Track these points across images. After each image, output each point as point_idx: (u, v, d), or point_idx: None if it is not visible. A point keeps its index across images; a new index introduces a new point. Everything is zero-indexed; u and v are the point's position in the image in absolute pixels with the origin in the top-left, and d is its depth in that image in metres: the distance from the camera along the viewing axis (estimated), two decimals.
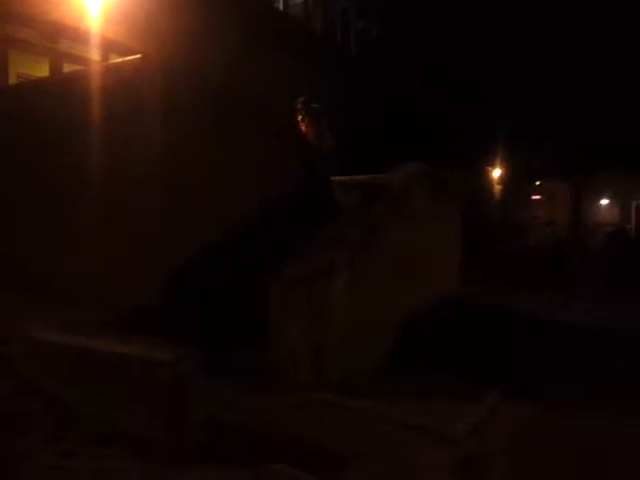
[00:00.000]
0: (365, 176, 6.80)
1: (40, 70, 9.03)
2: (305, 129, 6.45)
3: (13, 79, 8.61)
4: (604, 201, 37.79)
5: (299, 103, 6.51)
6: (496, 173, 27.50)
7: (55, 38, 9.13)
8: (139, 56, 5.30)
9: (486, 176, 26.42)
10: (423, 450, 3.52)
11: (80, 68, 8.85)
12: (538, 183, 35.26)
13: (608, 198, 37.47)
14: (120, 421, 3.38)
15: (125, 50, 8.78)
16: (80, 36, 8.92)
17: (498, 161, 26.83)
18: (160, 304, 4.60)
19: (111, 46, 9.41)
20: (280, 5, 14.96)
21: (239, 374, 4.30)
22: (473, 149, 19.61)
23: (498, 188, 28.13)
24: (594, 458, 3.57)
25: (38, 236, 5.54)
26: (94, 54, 9.06)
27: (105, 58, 9.30)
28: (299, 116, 6.48)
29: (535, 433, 3.96)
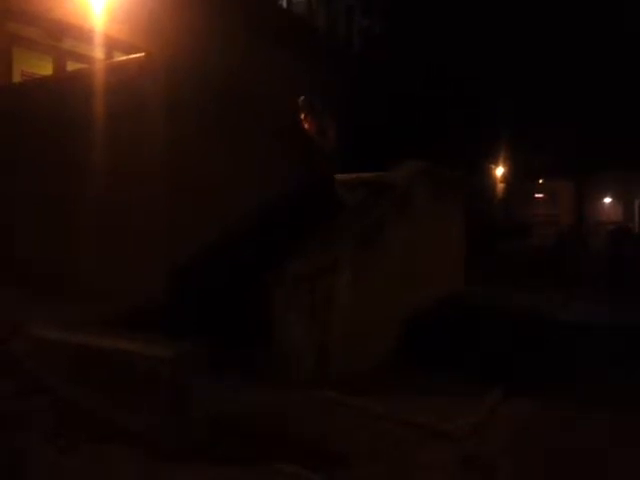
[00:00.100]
0: (368, 174, 6.80)
1: (44, 68, 9.04)
2: (307, 127, 6.47)
3: (17, 77, 8.61)
4: (607, 199, 37.75)
5: (301, 101, 6.52)
6: (499, 171, 27.51)
7: (59, 36, 9.14)
8: (143, 54, 5.30)
9: (489, 174, 26.42)
10: (424, 448, 3.53)
11: (84, 66, 8.86)
12: (541, 181, 35.26)
13: (611, 197, 37.42)
14: (121, 418, 3.39)
15: (129, 48, 8.82)
16: (84, 34, 8.95)
17: (501, 159, 26.82)
18: (162, 302, 4.61)
19: (115, 44, 9.45)
20: (284, 2, 14.96)
21: (241, 371, 4.30)
22: (475, 147, 19.61)
23: (501, 186, 28.13)
24: (594, 458, 3.58)
25: (40, 234, 5.55)
26: (98, 52, 9.10)
27: (109, 56, 9.32)
28: (301, 114, 6.49)
29: (535, 433, 3.97)
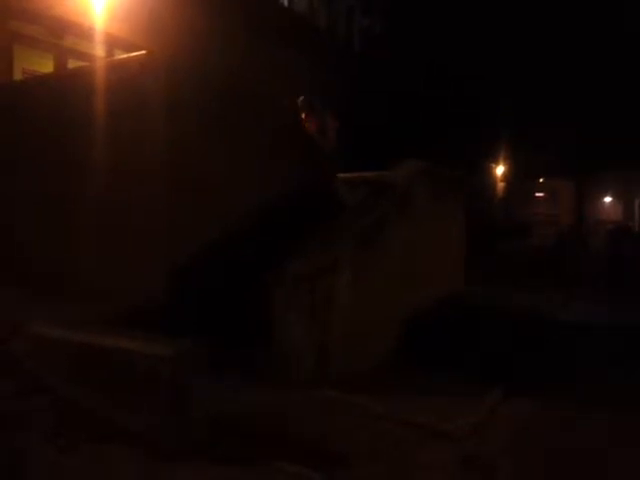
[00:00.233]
0: (369, 173, 6.80)
1: (45, 66, 9.04)
2: (308, 127, 6.47)
3: (18, 75, 8.61)
4: (607, 199, 37.74)
5: (301, 101, 6.53)
6: (499, 171, 27.49)
7: (60, 34, 9.14)
8: (144, 52, 5.29)
9: (489, 174, 26.41)
10: (424, 448, 3.53)
11: (85, 64, 8.86)
12: (541, 181, 35.25)
13: (611, 196, 37.41)
14: (121, 417, 3.38)
15: (129, 46, 8.82)
16: (85, 32, 8.95)
17: (501, 159, 26.81)
18: (162, 301, 4.60)
19: (115, 42, 9.45)
20: (285, 1, 14.95)
21: (241, 371, 4.31)
22: (476, 147, 19.61)
23: (501, 186, 28.12)
24: (594, 458, 3.58)
25: (40, 233, 5.54)
26: (98, 50, 9.10)
27: (109, 54, 9.33)
28: (302, 113, 6.50)
29: (535, 433, 3.97)
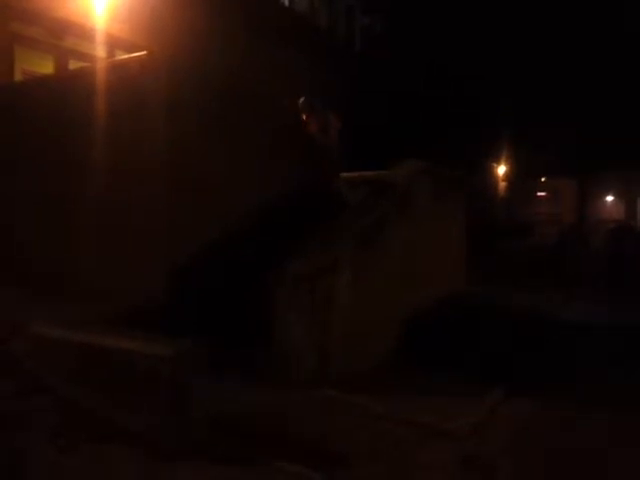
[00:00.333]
0: (369, 173, 6.80)
1: (45, 67, 9.06)
2: (309, 126, 6.47)
3: (18, 76, 8.63)
4: (609, 198, 37.72)
5: (301, 103, 6.53)
6: (501, 170, 27.47)
7: (60, 35, 9.16)
8: (144, 53, 5.30)
9: (490, 173, 26.38)
10: (424, 448, 3.53)
11: (85, 65, 8.87)
12: (543, 180, 35.23)
13: (613, 195, 37.39)
14: (121, 417, 3.38)
15: (130, 47, 8.83)
16: (85, 33, 8.97)
17: (503, 158, 26.78)
18: (162, 301, 4.60)
19: (116, 43, 9.46)
20: (285, 1, 14.96)
21: (241, 371, 4.31)
22: (477, 146, 19.59)
23: (503, 185, 28.09)
24: (594, 458, 3.57)
25: (40, 233, 5.55)
26: (99, 51, 9.11)
27: (110, 55, 9.34)
28: (303, 114, 6.50)
29: (535, 433, 3.96)
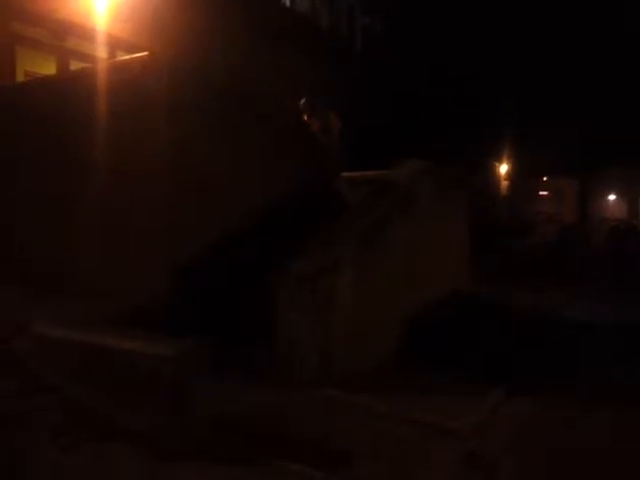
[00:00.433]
0: (371, 172, 6.80)
1: (47, 68, 9.07)
2: (311, 126, 6.48)
3: (20, 77, 8.64)
4: (611, 197, 37.67)
5: (302, 103, 6.54)
6: (503, 169, 27.44)
7: (62, 36, 9.17)
8: (146, 53, 5.31)
9: (492, 172, 26.36)
10: (426, 447, 3.53)
11: (87, 65, 8.88)
12: (545, 179, 35.19)
13: (616, 194, 37.34)
14: (123, 417, 3.39)
15: (132, 47, 8.84)
16: (87, 34, 8.98)
17: (505, 157, 26.75)
18: (164, 301, 4.61)
19: (118, 43, 9.48)
20: (287, 1, 14.96)
21: (243, 371, 4.31)
22: (478, 146, 19.57)
23: (505, 184, 28.06)
24: (595, 457, 3.57)
25: (42, 233, 5.56)
26: (101, 51, 9.13)
27: (112, 55, 9.35)
28: (305, 113, 6.51)
29: (537, 432, 3.96)
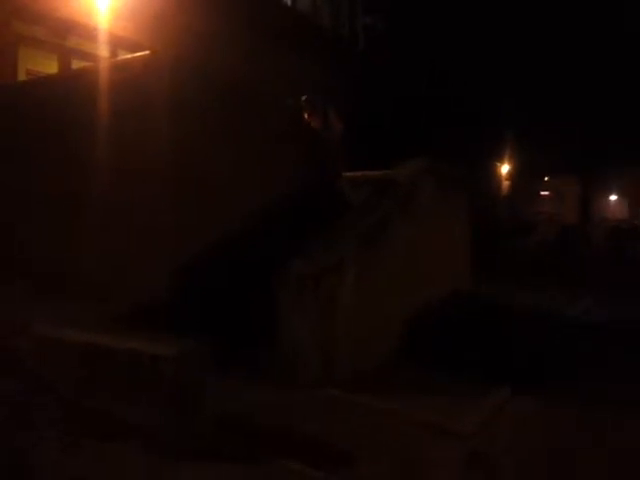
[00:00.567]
0: (373, 172, 6.79)
1: (49, 67, 9.07)
2: (312, 126, 6.47)
3: (22, 76, 8.65)
4: (613, 197, 37.66)
5: (303, 101, 6.54)
6: (504, 169, 27.42)
7: (64, 35, 9.18)
8: (147, 52, 5.31)
9: (494, 172, 26.34)
10: (427, 447, 3.53)
11: (89, 64, 8.88)
12: (546, 179, 35.16)
13: (617, 194, 37.33)
14: (124, 416, 3.40)
15: (133, 46, 8.84)
16: (89, 33, 8.99)
17: (506, 157, 26.73)
18: (166, 300, 4.60)
19: (119, 42, 9.48)
20: (288, 1, 14.95)
21: (245, 371, 4.31)
22: (479, 146, 19.57)
23: (506, 184, 28.04)
24: (596, 457, 3.56)
25: (43, 232, 5.56)
26: (103, 50, 9.13)
27: (113, 54, 9.35)
28: (306, 113, 6.50)
29: (538, 432, 3.95)
